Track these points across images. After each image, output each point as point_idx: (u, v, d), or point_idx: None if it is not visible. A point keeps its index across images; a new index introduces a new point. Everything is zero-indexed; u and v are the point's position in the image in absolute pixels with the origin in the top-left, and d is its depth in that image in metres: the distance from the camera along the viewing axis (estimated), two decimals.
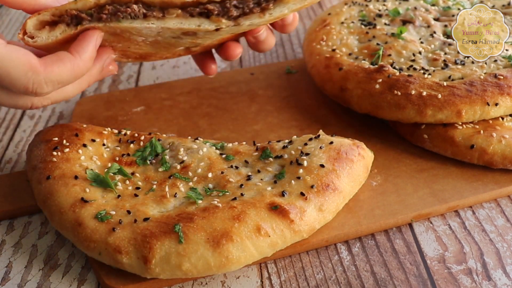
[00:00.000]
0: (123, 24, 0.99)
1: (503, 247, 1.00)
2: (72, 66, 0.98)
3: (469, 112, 1.13)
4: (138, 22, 1.00)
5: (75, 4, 0.99)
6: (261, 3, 1.01)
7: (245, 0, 1.01)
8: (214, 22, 1.01)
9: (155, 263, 0.90)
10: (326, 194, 0.99)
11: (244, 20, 1.01)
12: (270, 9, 1.01)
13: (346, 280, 0.96)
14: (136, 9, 0.99)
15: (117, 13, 0.99)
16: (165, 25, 1.00)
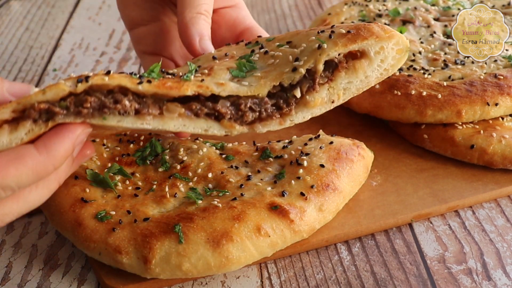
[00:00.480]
0: (109, 122, 0.80)
1: (503, 247, 1.00)
2: (36, 165, 0.76)
3: (469, 112, 1.13)
4: (129, 121, 0.81)
5: (43, 95, 0.76)
6: (281, 107, 0.88)
7: (263, 102, 0.87)
8: (225, 128, 0.87)
9: (155, 263, 0.89)
10: (326, 194, 0.99)
11: (261, 127, 0.88)
12: (291, 115, 0.89)
13: (346, 280, 0.96)
14: (127, 105, 0.80)
15: (102, 108, 0.79)
16: (163, 126, 0.83)
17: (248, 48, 1.00)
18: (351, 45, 0.87)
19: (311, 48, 0.90)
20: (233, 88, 0.86)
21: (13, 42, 1.81)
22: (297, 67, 0.88)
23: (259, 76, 0.89)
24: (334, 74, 0.89)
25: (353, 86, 0.90)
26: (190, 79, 0.85)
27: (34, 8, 2.02)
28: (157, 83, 0.82)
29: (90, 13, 1.98)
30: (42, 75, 1.62)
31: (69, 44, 1.78)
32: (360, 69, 0.90)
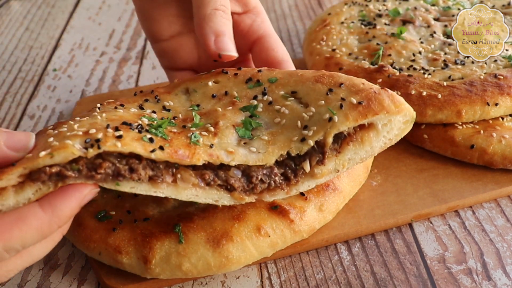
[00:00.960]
0: (122, 188, 0.79)
1: (503, 247, 1.00)
2: (40, 225, 0.73)
3: (469, 112, 1.13)
4: (143, 188, 0.81)
5: (51, 159, 0.74)
6: (290, 178, 0.88)
7: (273, 173, 0.87)
8: (236, 199, 0.87)
9: (155, 263, 0.89)
10: (326, 194, 0.99)
11: (268, 196, 0.88)
12: (298, 185, 0.88)
13: (346, 280, 0.96)
14: (142, 174, 0.80)
15: (116, 175, 0.78)
16: (176, 196, 0.83)
17: (249, 89, 0.97)
18: (361, 120, 0.86)
19: (321, 117, 0.87)
20: (242, 157, 0.85)
21: (13, 42, 1.81)
22: (306, 137, 0.86)
23: (266, 141, 0.87)
24: (342, 147, 0.88)
25: (358, 156, 0.90)
26: (200, 143, 0.84)
27: (34, 8, 2.02)
28: (169, 152, 0.81)
29: (90, 13, 1.98)
30: (42, 75, 1.62)
31: (69, 44, 1.78)
32: (367, 141, 0.89)
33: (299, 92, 0.94)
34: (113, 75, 1.60)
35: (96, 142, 0.76)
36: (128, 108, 0.93)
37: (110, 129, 0.79)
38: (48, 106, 1.48)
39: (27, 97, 1.53)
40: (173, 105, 0.96)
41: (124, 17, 1.94)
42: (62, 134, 0.79)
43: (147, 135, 0.82)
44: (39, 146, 0.78)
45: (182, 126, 0.89)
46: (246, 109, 0.93)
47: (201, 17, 0.98)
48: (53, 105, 1.48)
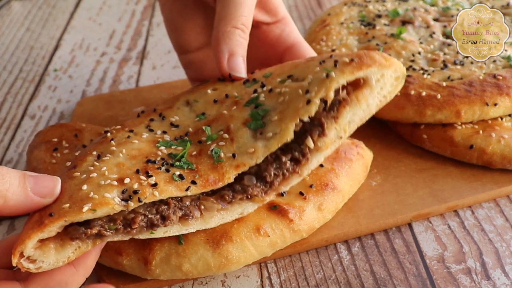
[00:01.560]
0: (156, 235, 0.83)
1: (502, 247, 1.01)
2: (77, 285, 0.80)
3: (468, 112, 1.14)
4: (175, 230, 0.84)
5: (93, 214, 0.76)
6: (299, 159, 0.90)
7: (282, 164, 0.89)
8: (258, 203, 0.90)
9: (155, 264, 0.90)
10: (325, 194, 0.99)
11: (284, 187, 0.92)
12: (308, 163, 0.91)
13: (346, 280, 0.96)
14: (174, 218, 0.83)
15: (150, 226, 0.82)
16: (206, 226, 0.87)
17: (248, 88, 0.99)
18: (357, 72, 0.89)
19: (318, 78, 0.90)
20: (264, 149, 0.87)
21: (14, 42, 1.81)
22: (310, 99, 0.88)
23: (277, 120, 0.89)
24: (339, 112, 0.90)
25: (357, 117, 0.92)
26: (222, 158, 0.87)
27: (34, 9, 2.03)
28: (202, 183, 0.85)
29: (90, 14, 1.99)
30: (42, 75, 1.63)
31: (70, 44, 1.79)
32: (362, 99, 0.92)
33: (294, 74, 0.97)
34: (114, 75, 1.61)
35: (134, 193, 0.80)
36: (139, 133, 0.95)
37: (142, 176, 0.82)
38: (49, 106, 1.49)
39: (28, 97, 1.53)
40: (179, 119, 0.99)
41: (125, 18, 1.95)
42: (94, 181, 0.81)
43: (175, 171, 0.85)
44: (69, 193, 0.79)
45: (197, 142, 0.92)
46: (250, 103, 0.95)
47: (220, 33, 0.99)
48: (53, 105, 1.49)
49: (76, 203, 0.77)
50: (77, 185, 0.81)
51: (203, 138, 0.92)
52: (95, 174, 0.82)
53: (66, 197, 0.79)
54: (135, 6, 2.03)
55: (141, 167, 0.84)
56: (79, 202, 0.77)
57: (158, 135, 0.95)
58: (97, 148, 0.91)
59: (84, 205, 0.76)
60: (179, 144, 0.92)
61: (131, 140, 0.92)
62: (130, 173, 0.83)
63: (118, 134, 0.94)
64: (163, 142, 0.92)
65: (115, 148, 0.89)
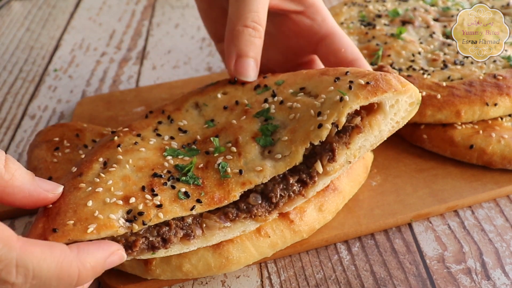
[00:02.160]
0: (157, 255, 0.85)
1: (502, 247, 1.01)
2: (62, 260, 0.69)
3: (468, 112, 1.14)
4: (176, 250, 0.85)
5: (98, 235, 0.78)
6: (306, 182, 0.88)
7: (289, 185, 0.88)
8: (260, 222, 0.89)
9: (155, 264, 0.90)
10: (325, 194, 0.99)
11: (288, 207, 0.90)
12: (314, 186, 0.89)
13: (346, 280, 0.96)
14: (175, 240, 0.84)
15: (151, 248, 0.83)
16: (207, 244, 0.87)
17: (258, 95, 0.98)
18: (371, 97, 0.86)
19: (331, 100, 0.88)
20: (271, 170, 0.87)
21: (14, 42, 1.81)
22: (322, 122, 0.86)
23: (287, 141, 0.88)
24: (351, 137, 0.88)
25: (368, 142, 0.90)
26: (229, 174, 0.87)
27: (34, 9, 2.03)
28: (207, 201, 0.85)
29: (90, 14, 1.99)
30: (43, 75, 1.63)
31: (70, 45, 1.79)
32: (375, 125, 0.89)
33: (307, 87, 0.95)
34: (114, 76, 1.61)
35: (139, 215, 0.81)
36: (147, 138, 0.95)
37: (148, 195, 0.83)
38: (49, 106, 1.49)
39: (28, 97, 1.53)
40: (188, 124, 0.98)
41: (125, 18, 1.95)
42: (99, 197, 0.82)
43: (181, 187, 0.85)
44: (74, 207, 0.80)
45: (205, 153, 0.92)
46: (260, 114, 0.94)
47: (230, 32, 0.95)
48: (54, 106, 1.49)
49: (81, 221, 0.78)
50: (82, 199, 0.81)
51: (210, 148, 0.92)
52: (101, 189, 0.83)
53: (70, 211, 0.79)
54: (135, 6, 2.03)
55: (147, 183, 0.85)
56: (84, 221, 0.78)
57: (166, 141, 0.95)
58: (103, 153, 0.91)
59: (89, 225, 0.78)
60: (186, 153, 0.92)
61: (138, 148, 0.92)
62: (136, 190, 0.84)
63: (125, 139, 0.94)
64: (170, 150, 0.92)
65: (121, 157, 0.89)
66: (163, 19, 1.93)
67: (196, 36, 1.81)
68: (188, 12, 1.97)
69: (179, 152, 0.92)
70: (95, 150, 0.93)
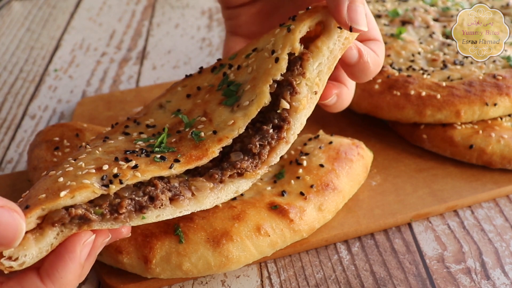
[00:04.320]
0: (149, 220, 0.79)
1: (502, 247, 1.01)
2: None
3: (468, 112, 1.14)
4: (168, 213, 0.80)
5: (72, 199, 0.72)
6: (281, 125, 0.85)
7: (266, 133, 0.85)
8: (251, 178, 0.86)
9: (155, 263, 0.90)
10: (325, 194, 0.99)
11: (274, 158, 0.86)
12: (291, 128, 0.86)
13: (346, 280, 0.96)
14: (163, 198, 0.79)
15: (140, 209, 0.78)
16: (200, 208, 0.83)
17: (216, 74, 0.97)
18: (315, 15, 0.86)
19: (281, 36, 0.87)
20: (244, 118, 0.84)
21: (14, 42, 1.81)
22: (278, 56, 0.85)
23: (250, 88, 0.86)
24: (303, 66, 0.86)
25: (324, 66, 0.87)
26: (203, 137, 0.84)
27: (35, 9, 2.03)
28: (185, 160, 0.81)
29: (90, 14, 1.99)
30: (43, 76, 1.63)
31: (70, 45, 1.79)
32: (322, 45, 0.86)
33: (258, 46, 0.93)
34: (114, 76, 1.61)
35: (114, 177, 0.76)
36: (115, 137, 0.91)
37: (122, 162, 0.78)
38: (49, 106, 1.49)
39: (28, 97, 1.53)
40: (155, 121, 0.95)
41: (125, 18, 1.95)
42: (71, 173, 0.76)
43: (156, 155, 0.81)
44: (45, 187, 0.75)
45: (176, 132, 0.88)
46: (221, 84, 0.92)
47: None
48: (54, 106, 1.49)
49: (52, 192, 0.72)
50: (54, 179, 0.76)
51: (181, 128, 0.89)
52: (72, 168, 0.78)
53: (42, 190, 0.75)
54: (135, 6, 2.03)
55: (121, 156, 0.81)
56: (56, 190, 0.73)
57: (135, 136, 0.91)
58: (71, 155, 0.87)
59: (61, 192, 0.72)
60: (157, 138, 0.88)
61: (107, 143, 0.87)
62: (108, 162, 0.79)
63: (94, 142, 0.91)
64: (140, 139, 0.88)
65: (90, 150, 0.85)
66: (163, 19, 1.93)
67: (196, 36, 1.81)
68: (188, 12, 1.97)
69: (150, 138, 0.88)
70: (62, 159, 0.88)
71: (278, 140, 0.86)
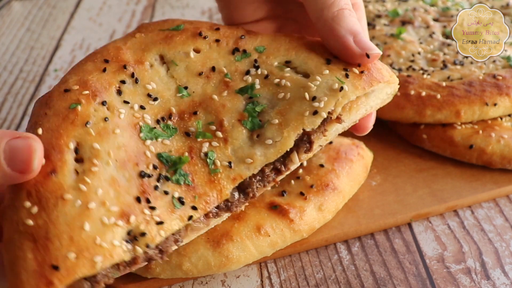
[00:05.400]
0: None
1: (502, 247, 1.01)
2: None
3: (468, 112, 1.14)
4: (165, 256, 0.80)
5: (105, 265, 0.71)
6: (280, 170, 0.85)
7: (264, 176, 0.85)
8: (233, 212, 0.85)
9: (155, 263, 0.90)
10: (325, 194, 0.99)
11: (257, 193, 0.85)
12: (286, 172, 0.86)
13: (346, 280, 0.96)
14: (170, 250, 0.79)
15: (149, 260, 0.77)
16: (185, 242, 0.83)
17: (238, 62, 0.90)
18: (368, 88, 0.85)
19: (328, 86, 0.84)
20: (261, 159, 0.83)
21: (14, 42, 1.81)
22: (318, 110, 0.83)
23: (278, 124, 0.83)
24: (328, 126, 0.86)
25: (341, 127, 0.88)
26: (219, 168, 0.82)
27: (35, 9, 2.03)
28: (202, 207, 0.80)
29: (90, 14, 1.99)
30: (43, 76, 1.63)
31: (70, 45, 1.79)
32: (354, 110, 0.87)
33: (293, 61, 0.89)
34: None
35: (141, 236, 0.74)
36: (115, 109, 0.82)
37: (146, 211, 0.76)
38: None
39: (28, 97, 1.53)
40: (157, 88, 0.87)
41: (125, 18, 1.95)
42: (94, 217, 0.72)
43: (174, 191, 0.79)
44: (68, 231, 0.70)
45: (185, 134, 0.84)
46: (243, 91, 0.87)
47: (328, 19, 0.89)
48: None
49: (82, 252, 0.69)
50: (75, 218, 0.71)
51: (191, 128, 0.84)
52: (94, 205, 0.73)
53: (65, 237, 0.69)
54: (135, 6, 2.03)
55: (138, 187, 0.77)
56: (86, 251, 0.69)
57: (137, 112, 0.83)
58: (69, 132, 0.77)
59: (94, 257, 0.70)
60: (164, 132, 0.83)
61: (112, 129, 0.80)
62: (131, 203, 0.75)
63: (89, 109, 0.80)
64: (146, 129, 0.82)
65: (98, 146, 0.77)
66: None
67: None
68: (188, 12, 1.97)
69: (157, 132, 0.83)
70: (55, 125, 0.78)
71: (269, 183, 0.86)
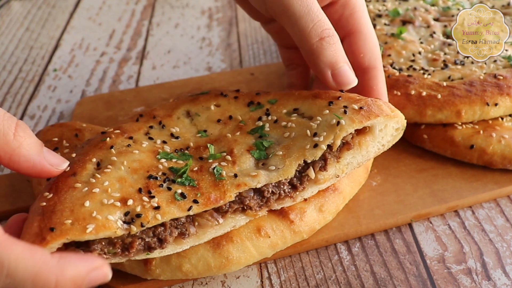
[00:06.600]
0: (152, 256, 0.85)
1: (503, 247, 1.01)
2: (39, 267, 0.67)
3: (468, 112, 1.13)
4: (169, 250, 0.86)
5: (96, 235, 0.77)
6: (296, 186, 0.91)
7: (281, 185, 0.90)
8: (250, 217, 0.90)
9: (155, 264, 0.90)
10: (326, 195, 0.99)
11: (277, 205, 0.91)
12: (303, 192, 0.92)
13: (346, 280, 0.96)
14: (170, 240, 0.84)
15: (147, 248, 0.83)
16: (199, 242, 0.88)
17: (252, 112, 1.01)
18: (365, 121, 0.91)
19: (328, 122, 0.92)
20: (265, 177, 0.88)
21: (13, 42, 1.81)
22: (318, 143, 0.90)
23: (281, 155, 0.90)
24: (341, 152, 0.92)
25: (355, 160, 0.94)
26: (224, 176, 0.88)
27: (34, 9, 2.03)
28: (204, 202, 0.85)
29: (90, 14, 1.99)
30: (42, 75, 1.63)
31: (70, 44, 1.79)
32: (364, 145, 0.94)
33: (300, 108, 0.98)
34: (114, 75, 1.61)
35: (137, 217, 0.81)
36: (139, 141, 0.95)
37: (145, 197, 0.83)
38: (48, 106, 1.49)
39: (27, 97, 1.53)
40: (180, 131, 1.00)
41: (125, 18, 1.95)
42: (97, 198, 0.81)
43: (177, 189, 0.85)
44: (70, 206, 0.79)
45: (199, 158, 0.92)
46: (254, 131, 0.96)
47: (308, 51, 0.92)
48: (53, 105, 1.48)
49: (78, 221, 0.77)
50: (79, 198, 0.80)
51: (204, 155, 0.93)
52: (98, 190, 0.82)
53: (67, 210, 0.79)
54: (135, 6, 2.03)
55: (143, 185, 0.85)
56: (81, 220, 0.77)
57: (158, 144, 0.95)
58: (96, 153, 0.91)
59: (87, 225, 0.77)
60: (180, 157, 0.92)
61: (131, 150, 0.91)
62: (133, 192, 0.83)
63: (117, 140, 0.94)
64: (163, 153, 0.92)
65: (115, 159, 0.89)
66: (163, 19, 1.93)
67: (196, 36, 1.81)
68: (188, 12, 1.97)
69: (173, 155, 0.92)
70: (86, 150, 0.93)
71: (287, 196, 0.91)
